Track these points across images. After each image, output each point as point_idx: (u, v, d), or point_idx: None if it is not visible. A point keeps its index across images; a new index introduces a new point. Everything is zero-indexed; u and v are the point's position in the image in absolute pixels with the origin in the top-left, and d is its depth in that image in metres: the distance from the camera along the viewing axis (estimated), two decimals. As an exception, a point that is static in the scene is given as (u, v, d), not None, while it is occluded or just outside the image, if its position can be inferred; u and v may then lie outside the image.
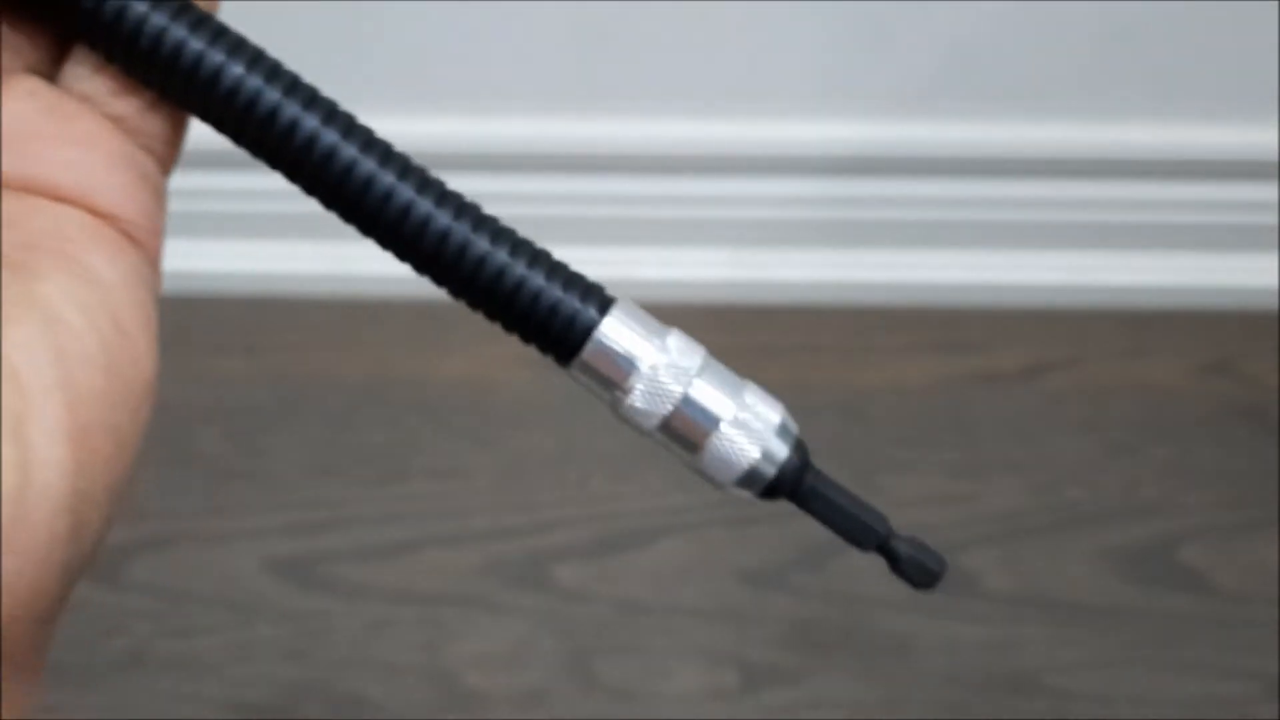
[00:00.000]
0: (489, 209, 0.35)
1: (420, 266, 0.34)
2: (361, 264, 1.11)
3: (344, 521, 0.98)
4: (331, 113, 0.35)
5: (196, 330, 1.10)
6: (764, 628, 0.92)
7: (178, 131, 0.32)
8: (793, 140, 1.10)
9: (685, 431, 0.35)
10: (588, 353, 0.34)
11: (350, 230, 0.34)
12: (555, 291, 0.34)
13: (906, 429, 1.04)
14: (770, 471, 0.36)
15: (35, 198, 0.28)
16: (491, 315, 0.34)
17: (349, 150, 0.34)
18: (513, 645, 0.91)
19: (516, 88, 1.08)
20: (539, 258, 0.35)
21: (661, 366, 0.35)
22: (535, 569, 0.95)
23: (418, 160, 0.35)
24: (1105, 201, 1.12)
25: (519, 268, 0.34)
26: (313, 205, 0.33)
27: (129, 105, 0.30)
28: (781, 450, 0.36)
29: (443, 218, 0.33)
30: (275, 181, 0.34)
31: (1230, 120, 1.09)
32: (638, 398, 0.34)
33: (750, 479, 0.36)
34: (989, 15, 1.05)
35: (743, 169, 1.11)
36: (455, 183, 0.34)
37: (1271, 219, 1.11)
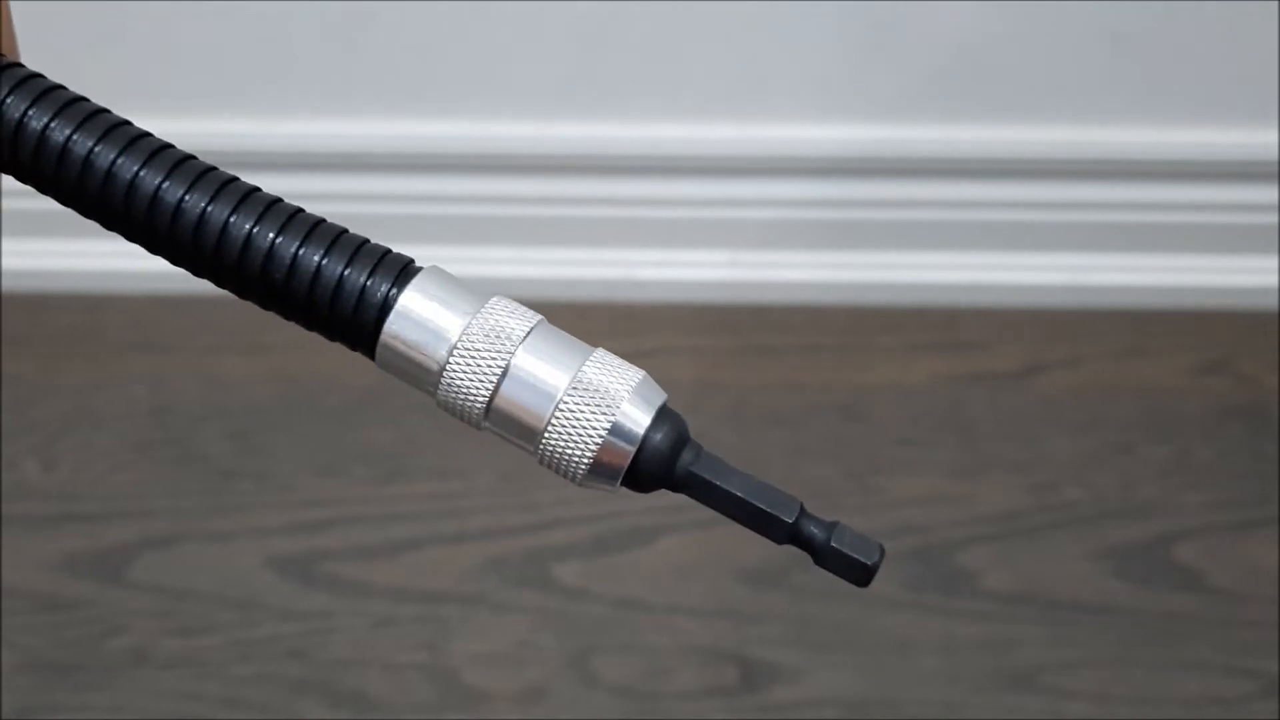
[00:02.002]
0: (489, 210, 0.32)
1: (179, 258, 0.29)
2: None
3: (345, 521, 0.98)
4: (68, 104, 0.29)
5: (198, 330, 1.10)
6: (764, 627, 0.92)
7: None
8: (793, 142, 1.10)
9: (515, 414, 0.29)
10: (387, 334, 0.28)
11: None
12: (336, 268, 0.29)
13: (905, 429, 1.05)
14: (627, 451, 0.29)
15: None
16: (279, 307, 0.29)
17: (85, 142, 0.29)
18: (513, 644, 0.91)
19: (517, 89, 1.08)
20: (318, 232, 0.29)
21: (474, 339, 0.28)
22: (536, 568, 0.95)
23: (417, 161, 0.33)
24: (1105, 202, 1.12)
25: (291, 246, 0.28)
26: (311, 208, 0.32)
27: None
28: (639, 425, 0.29)
29: (197, 200, 0.28)
30: (275, 182, 0.34)
31: (1230, 120, 1.09)
32: (451, 379, 0.28)
33: (602, 467, 0.29)
34: (989, 18, 1.05)
35: (743, 170, 1.12)
36: (456, 183, 0.33)
37: (1271, 219, 1.11)
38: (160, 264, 0.30)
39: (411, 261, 0.29)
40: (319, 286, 0.28)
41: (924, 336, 1.11)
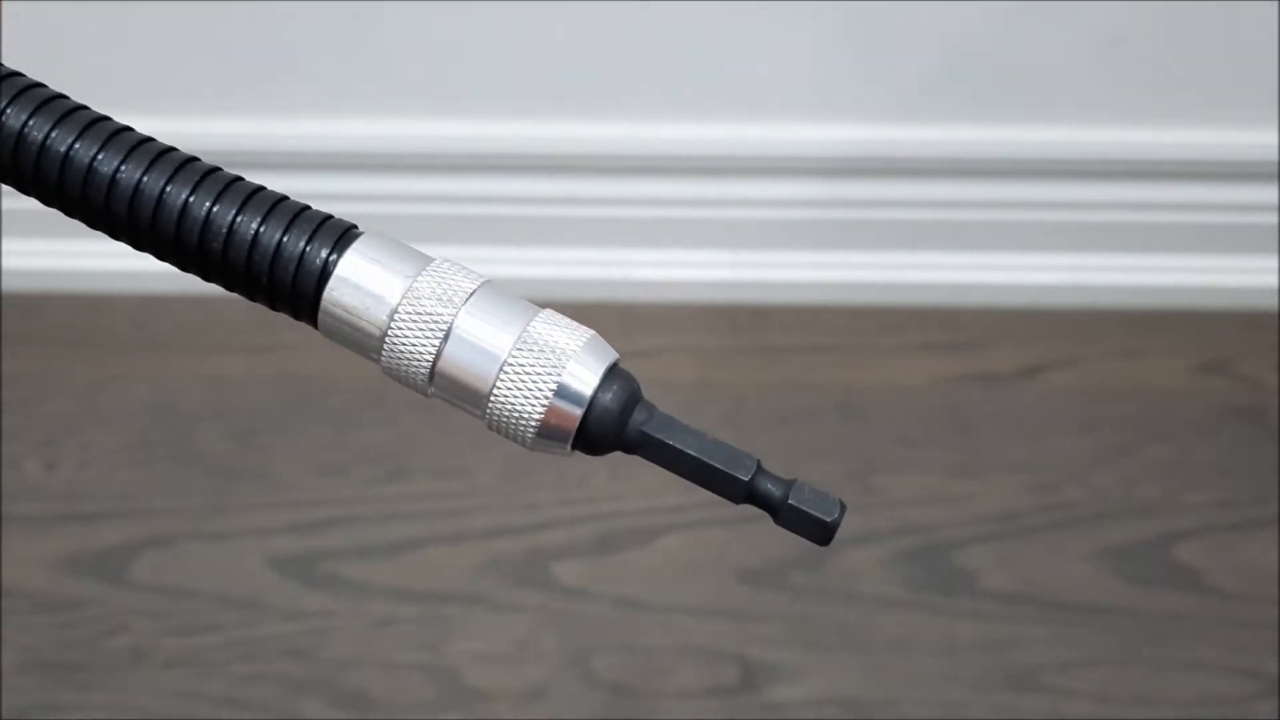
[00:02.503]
0: (489, 209, 0.32)
1: (117, 231, 0.28)
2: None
3: (346, 520, 0.98)
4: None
5: (198, 330, 1.10)
6: (764, 627, 0.92)
7: None
8: (793, 142, 1.10)
9: (460, 377, 0.28)
10: (327, 301, 0.28)
11: None
12: (274, 235, 0.28)
13: (905, 429, 1.05)
14: (575, 414, 0.28)
15: None
16: (219, 278, 0.28)
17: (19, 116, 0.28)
18: (514, 643, 0.91)
19: (517, 89, 1.08)
20: (255, 200, 0.28)
21: (418, 298, 0.28)
22: (536, 568, 0.95)
23: (416, 161, 0.33)
24: (1105, 202, 1.12)
25: (228, 214, 0.28)
26: (313, 205, 0.32)
27: None
28: (586, 385, 0.28)
29: (131, 171, 0.28)
30: (275, 181, 0.34)
31: (1230, 120, 1.09)
32: (394, 343, 0.28)
33: (550, 430, 0.28)
34: (989, 18, 1.05)
35: (743, 170, 1.12)
36: (455, 183, 0.33)
37: (1271, 219, 1.11)
38: (161, 264, 0.30)
39: (353, 227, 0.29)
40: (256, 255, 0.28)
41: (924, 336, 1.11)
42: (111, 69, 1.05)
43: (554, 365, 0.27)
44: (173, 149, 0.28)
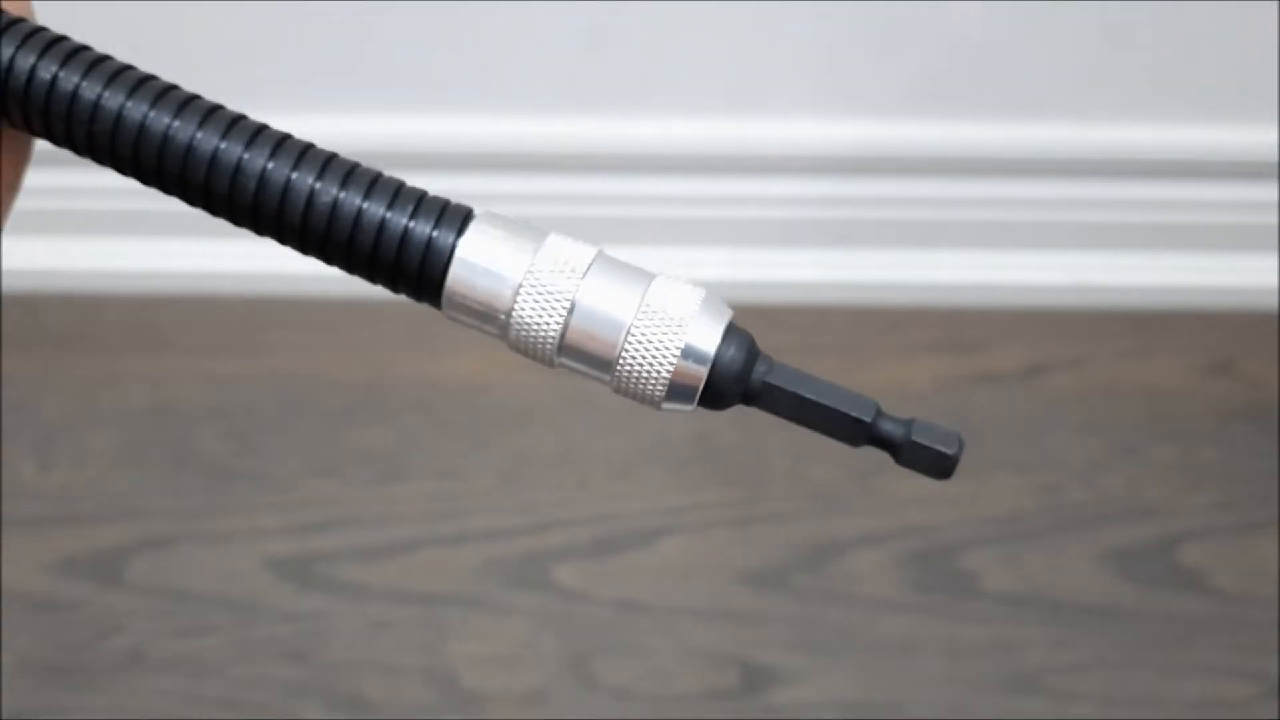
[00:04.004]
0: (491, 209, 0.32)
1: (242, 218, 0.29)
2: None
3: (344, 521, 0.98)
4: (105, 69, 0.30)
5: (195, 331, 1.10)
6: (764, 628, 0.91)
7: (9, 192, 0.32)
8: (793, 140, 1.10)
9: (588, 346, 0.28)
10: (452, 282, 0.29)
11: None
12: (401, 221, 0.29)
13: (907, 429, 1.04)
14: (701, 370, 0.29)
15: None
16: (338, 261, 0.29)
17: (133, 104, 0.29)
18: (513, 646, 0.91)
19: (517, 88, 1.08)
20: (379, 184, 0.29)
21: (539, 276, 0.29)
22: (535, 569, 0.95)
23: (415, 160, 0.33)
24: (1105, 201, 1.12)
25: (353, 200, 0.29)
26: None
27: None
28: (711, 340, 0.29)
29: (257, 158, 0.29)
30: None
31: (1230, 120, 1.09)
32: (520, 319, 0.28)
33: (679, 389, 0.29)
34: (989, 16, 1.05)
35: (743, 169, 1.11)
36: (456, 183, 0.33)
37: (1271, 219, 1.11)
38: (159, 264, 0.30)
39: (469, 210, 0.30)
40: (383, 240, 0.29)
41: (926, 336, 1.11)
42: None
43: (677, 327, 0.28)
44: (285, 134, 0.29)
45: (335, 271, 0.32)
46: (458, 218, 0.29)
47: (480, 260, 0.29)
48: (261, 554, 0.96)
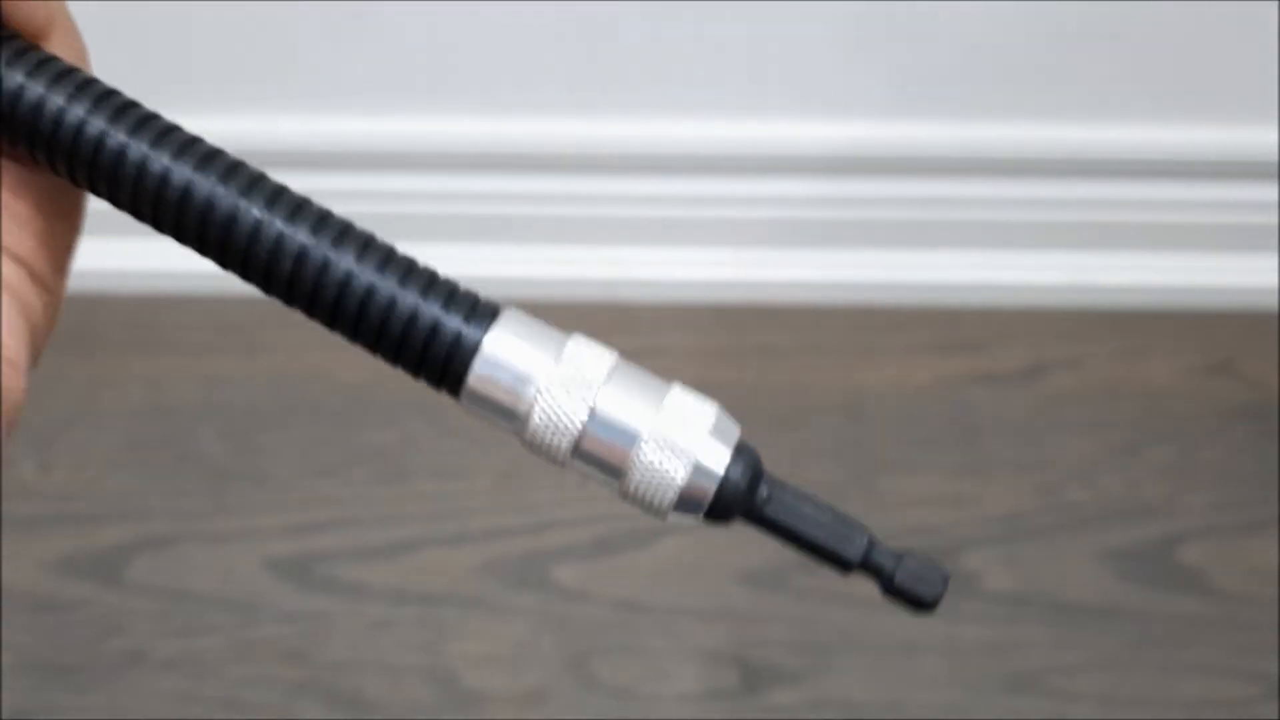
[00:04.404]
0: (489, 208, 0.32)
1: (278, 290, 0.30)
2: (361, 264, 1.10)
3: (344, 522, 0.98)
4: (155, 127, 0.31)
5: (195, 331, 1.10)
6: (764, 628, 0.91)
7: (60, 262, 0.33)
8: (794, 140, 1.10)
9: (601, 454, 0.29)
10: (474, 377, 0.29)
11: None
12: (430, 311, 0.29)
13: (907, 429, 1.04)
14: (709, 488, 0.30)
15: None
16: (365, 342, 0.30)
17: (183, 169, 0.30)
18: (512, 645, 0.91)
19: (517, 88, 1.08)
20: (413, 272, 0.30)
21: (559, 380, 0.29)
22: (535, 569, 0.95)
23: (415, 160, 0.33)
24: (1105, 201, 1.12)
25: (389, 288, 0.29)
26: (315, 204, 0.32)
27: (14, 237, 0.31)
28: (720, 460, 0.30)
29: (298, 234, 0.29)
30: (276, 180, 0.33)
31: (1230, 120, 1.09)
32: (538, 421, 0.29)
33: (689, 500, 0.30)
34: (990, 16, 1.05)
35: (743, 169, 1.11)
36: (454, 182, 0.33)
37: (1271, 219, 1.11)
38: (157, 263, 0.31)
39: (497, 306, 0.30)
40: (413, 331, 0.29)
41: (926, 336, 1.11)
42: (108, 67, 1.04)
43: (688, 444, 0.29)
44: (325, 210, 0.30)
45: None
46: (487, 314, 0.30)
47: (504, 360, 0.29)
48: (261, 554, 0.96)
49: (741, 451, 0.31)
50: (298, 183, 0.32)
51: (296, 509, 0.98)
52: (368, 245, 0.30)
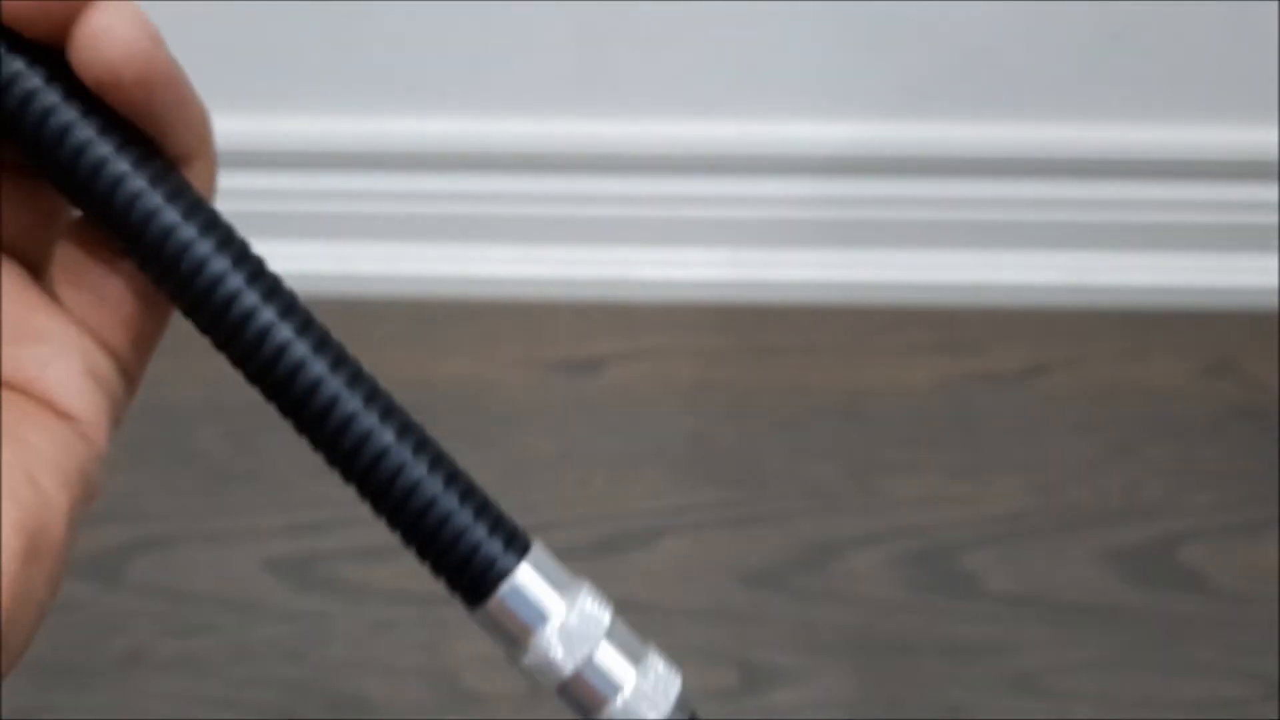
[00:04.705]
0: (489, 208, 0.33)
1: (346, 474, 0.33)
2: (361, 264, 1.10)
3: (344, 521, 0.98)
4: (297, 316, 0.32)
5: (194, 330, 1.10)
6: (764, 628, 0.91)
7: (143, 344, 0.34)
8: (793, 140, 1.10)
9: (584, 696, 0.33)
10: (495, 603, 0.32)
11: (349, 230, 0.33)
12: (480, 532, 0.32)
13: (906, 429, 1.04)
14: None
15: None
16: (407, 539, 0.32)
17: (316, 368, 0.32)
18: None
19: (516, 88, 1.08)
20: (470, 493, 0.33)
21: (567, 629, 0.33)
22: (535, 569, 0.95)
23: (415, 160, 0.34)
24: (1105, 201, 1.12)
25: (449, 501, 0.32)
26: (312, 205, 0.33)
27: (99, 315, 0.32)
28: None
29: (384, 435, 0.32)
30: (274, 181, 0.33)
31: (1230, 120, 1.09)
32: (537, 659, 0.32)
33: None
34: (989, 16, 1.05)
35: (743, 169, 1.11)
36: (456, 182, 0.34)
37: (1271, 219, 1.11)
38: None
39: (529, 540, 0.33)
40: (458, 546, 0.32)
41: (925, 336, 1.11)
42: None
43: (661, 705, 0.33)
44: (408, 417, 0.32)
45: (334, 272, 0.32)
46: (521, 547, 0.33)
47: (527, 595, 0.32)
48: (261, 554, 0.95)
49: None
50: (298, 183, 0.32)
51: (296, 509, 0.98)
52: (438, 459, 0.33)
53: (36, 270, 0.31)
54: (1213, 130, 1.09)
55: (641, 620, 1.05)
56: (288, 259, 0.37)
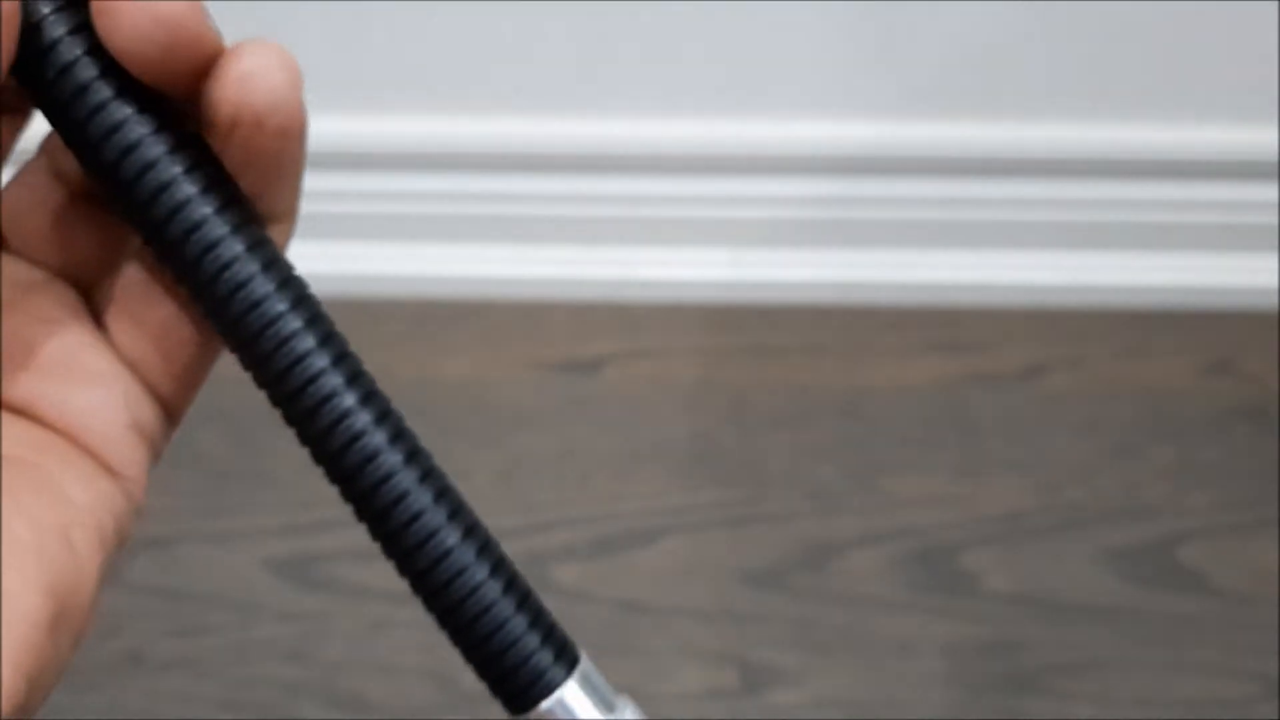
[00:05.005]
0: (488, 208, 0.32)
1: (402, 570, 0.33)
2: (361, 264, 1.10)
3: (343, 522, 0.97)
4: (377, 406, 0.32)
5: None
6: (764, 628, 0.91)
7: (190, 388, 0.33)
8: (793, 140, 1.10)
9: None
10: (540, 712, 0.32)
11: (350, 230, 0.33)
12: (533, 642, 0.32)
13: (906, 429, 1.04)
14: None
15: (26, 420, 0.29)
16: (458, 641, 0.32)
17: (391, 458, 0.32)
18: (513, 646, 0.90)
19: (516, 88, 1.08)
20: (526, 599, 0.32)
21: None
22: (535, 569, 0.95)
23: (415, 160, 0.33)
24: (1105, 201, 1.12)
25: (507, 608, 0.32)
26: (312, 205, 0.32)
27: (150, 356, 0.31)
28: None
29: (451, 537, 0.32)
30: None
31: (1230, 120, 1.09)
32: None
33: None
34: (990, 16, 1.05)
35: (743, 169, 1.11)
36: (456, 183, 0.33)
37: (1271, 219, 1.11)
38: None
39: (577, 652, 0.33)
40: (511, 653, 0.32)
41: (925, 336, 1.11)
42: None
43: None
44: (475, 518, 0.32)
45: (334, 272, 0.32)
46: (570, 659, 0.33)
47: (572, 708, 0.32)
48: (261, 554, 0.95)
49: None
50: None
51: (296, 509, 0.98)
52: (500, 562, 0.32)
53: (89, 296, 0.30)
54: (1213, 130, 1.09)
55: (641, 620, 1.05)
56: (289, 259, 0.36)
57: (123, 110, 0.27)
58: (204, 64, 0.27)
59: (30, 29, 0.26)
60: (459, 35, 1.06)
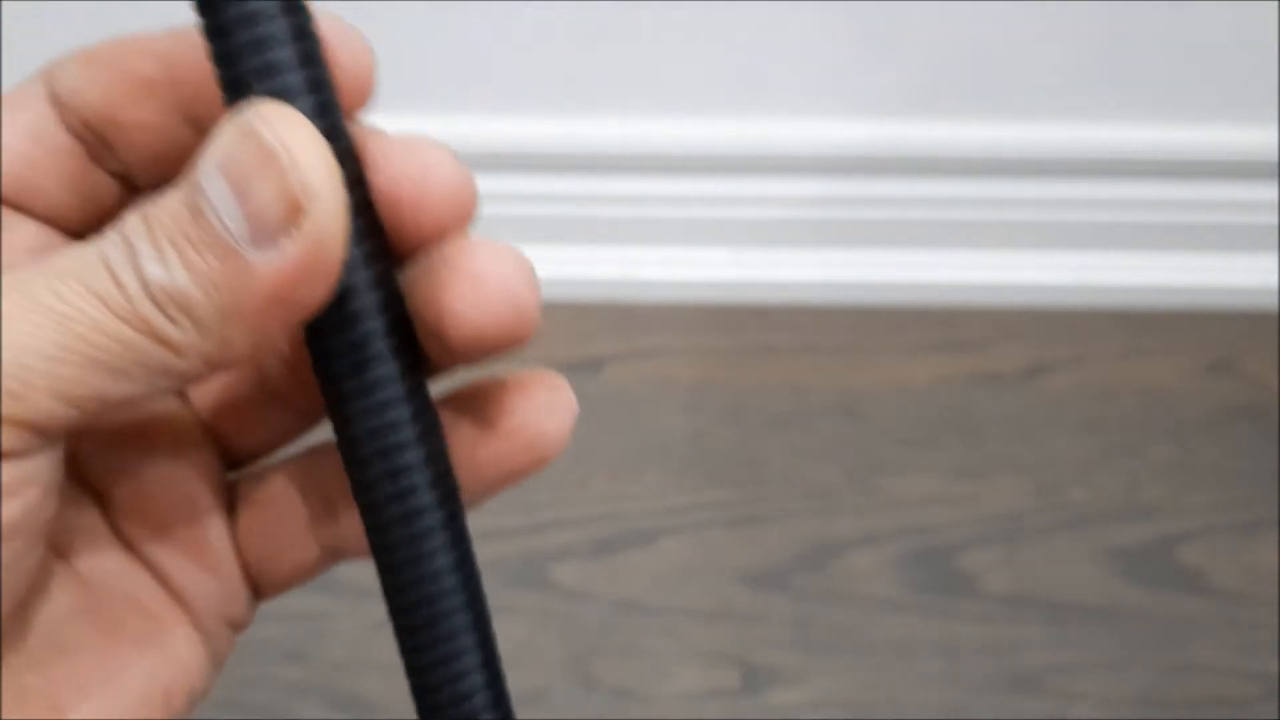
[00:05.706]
0: (489, 209, 0.31)
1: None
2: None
3: (344, 522, 0.98)
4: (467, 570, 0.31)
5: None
6: (764, 628, 0.91)
7: (286, 590, 0.33)
8: (793, 140, 1.10)
9: None
10: None
11: None
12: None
13: (906, 429, 1.04)
14: None
15: (146, 570, 0.30)
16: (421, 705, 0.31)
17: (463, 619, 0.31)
18: (512, 646, 0.91)
19: (516, 88, 1.08)
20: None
21: None
22: (535, 569, 0.95)
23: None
24: (1105, 201, 1.12)
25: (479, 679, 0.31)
26: None
27: (273, 565, 0.31)
28: None
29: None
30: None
31: (1230, 120, 1.09)
32: None
33: None
34: (989, 15, 1.05)
35: (743, 169, 1.11)
36: None
37: (1271, 219, 1.11)
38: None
39: None
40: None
41: (926, 336, 1.11)
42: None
43: None
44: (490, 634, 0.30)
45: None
46: None
47: None
48: (261, 554, 0.95)
49: None
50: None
51: (296, 509, 0.98)
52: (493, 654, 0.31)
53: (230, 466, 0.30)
54: (1213, 130, 1.09)
55: (641, 620, 1.05)
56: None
57: (390, 366, 0.26)
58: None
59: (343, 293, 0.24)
60: (459, 35, 1.06)
